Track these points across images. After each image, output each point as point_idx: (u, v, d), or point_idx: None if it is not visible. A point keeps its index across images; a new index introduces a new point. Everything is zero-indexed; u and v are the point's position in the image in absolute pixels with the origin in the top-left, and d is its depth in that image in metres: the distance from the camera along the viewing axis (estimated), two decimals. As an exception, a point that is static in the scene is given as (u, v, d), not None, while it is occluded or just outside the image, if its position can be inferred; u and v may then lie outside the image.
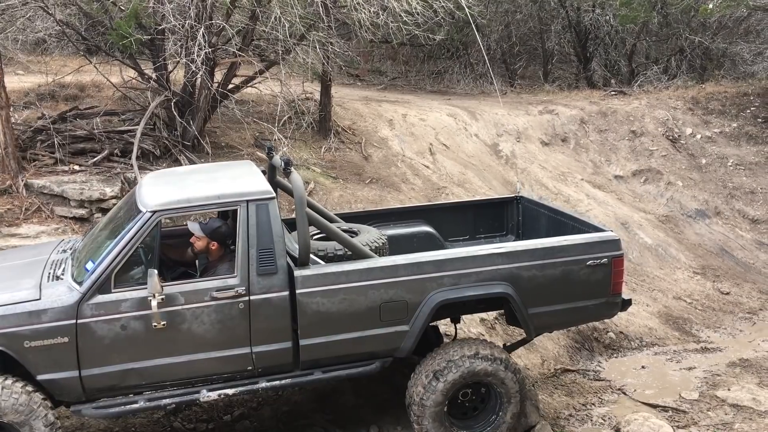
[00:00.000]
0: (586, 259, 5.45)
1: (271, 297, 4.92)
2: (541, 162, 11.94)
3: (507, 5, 17.41)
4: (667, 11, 16.87)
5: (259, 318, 4.91)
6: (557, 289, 5.43)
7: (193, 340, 4.84)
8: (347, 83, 15.98)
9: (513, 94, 16.03)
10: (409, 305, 5.13)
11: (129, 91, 9.89)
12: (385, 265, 5.13)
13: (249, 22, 9.09)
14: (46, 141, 8.67)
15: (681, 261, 10.58)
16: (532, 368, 7.45)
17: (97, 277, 4.71)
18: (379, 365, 5.25)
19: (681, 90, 14.82)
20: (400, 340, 5.18)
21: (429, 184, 10.19)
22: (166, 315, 4.75)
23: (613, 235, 5.68)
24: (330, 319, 5.01)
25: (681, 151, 12.99)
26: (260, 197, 4.97)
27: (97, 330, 4.70)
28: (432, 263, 5.19)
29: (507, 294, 5.28)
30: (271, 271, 4.91)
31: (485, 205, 7.13)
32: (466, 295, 5.23)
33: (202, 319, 4.83)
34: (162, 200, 4.93)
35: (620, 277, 5.64)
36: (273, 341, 4.97)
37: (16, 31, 9.59)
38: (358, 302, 5.04)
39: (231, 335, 4.90)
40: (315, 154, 10.19)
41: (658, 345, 8.47)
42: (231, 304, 4.86)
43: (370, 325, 5.09)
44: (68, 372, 4.71)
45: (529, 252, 5.38)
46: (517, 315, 5.41)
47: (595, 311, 5.73)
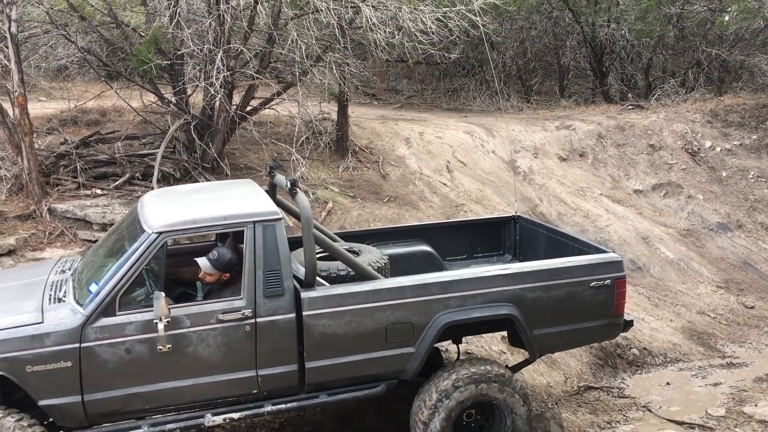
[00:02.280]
0: (590, 281, 5.46)
1: (277, 319, 4.86)
2: (559, 177, 11.91)
3: (522, 22, 17.46)
4: (683, 24, 16.84)
5: (266, 340, 4.86)
6: (561, 310, 5.43)
7: (198, 363, 4.78)
8: (364, 103, 16.07)
9: (529, 110, 16.03)
10: (416, 327, 5.10)
11: (149, 115, 10.03)
12: (391, 287, 5.10)
13: (266, 45, 9.20)
14: (68, 166, 8.79)
15: (704, 275, 10.47)
16: (555, 386, 7.39)
17: (101, 300, 4.62)
18: (384, 387, 5.19)
19: (699, 103, 14.74)
20: (405, 362, 5.15)
21: (447, 202, 10.20)
22: (171, 338, 4.68)
23: (615, 256, 5.71)
24: (336, 341, 4.96)
25: (701, 164, 12.89)
26: (267, 218, 4.91)
27: (101, 354, 4.61)
28: (438, 285, 5.17)
29: (512, 315, 5.27)
30: (278, 293, 4.85)
31: (483, 225, 7.13)
32: (473, 316, 5.21)
33: (208, 341, 4.77)
34: (168, 221, 4.84)
35: (623, 298, 5.65)
36: (279, 364, 4.92)
37: (38, 58, 9.79)
38: (364, 324, 5.00)
39: (237, 358, 4.84)
40: (333, 173, 10.23)
41: (683, 361, 8.37)
42: (237, 326, 4.80)
43: (376, 347, 5.06)
44: (71, 397, 4.61)
45: (534, 273, 5.38)
46: (521, 336, 5.39)
47: (598, 332, 5.73)
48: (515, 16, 16.41)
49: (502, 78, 17.75)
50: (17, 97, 7.86)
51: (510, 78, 18.31)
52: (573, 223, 10.87)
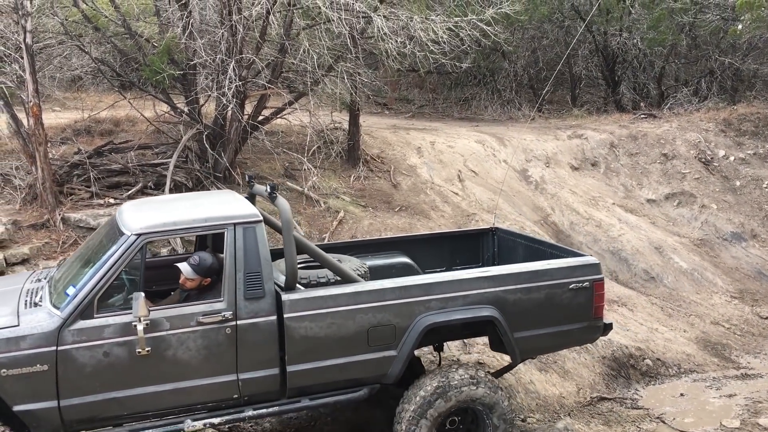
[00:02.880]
0: (569, 283, 5.50)
1: (258, 321, 4.81)
2: (571, 187, 11.86)
3: (533, 31, 17.46)
4: (696, 33, 16.79)
5: (246, 343, 4.81)
6: (541, 312, 5.45)
7: (177, 367, 4.70)
8: (375, 112, 16.11)
9: (541, 120, 16.01)
10: (397, 329, 5.08)
11: (162, 124, 10.09)
12: (372, 289, 5.09)
13: (278, 55, 9.24)
14: (82, 175, 8.85)
15: (718, 285, 10.39)
16: (568, 396, 7.34)
17: (79, 302, 4.53)
18: (366, 392, 5.16)
19: (712, 112, 14.66)
20: (388, 366, 5.11)
21: (458, 211, 10.18)
22: (150, 341, 4.59)
23: (593, 259, 5.78)
24: (318, 345, 4.93)
25: (714, 174, 12.81)
26: (247, 220, 4.89)
27: (78, 357, 4.51)
28: (419, 287, 5.17)
29: (494, 317, 5.27)
30: (259, 295, 4.81)
31: (462, 237, 7.14)
32: (454, 318, 5.20)
33: (188, 344, 4.69)
34: (147, 223, 4.81)
35: (601, 301, 5.67)
36: (260, 368, 4.87)
37: (53, 69, 9.88)
38: (346, 327, 4.97)
39: (217, 361, 4.78)
40: (344, 183, 10.25)
41: (697, 371, 8.29)
42: (217, 329, 4.74)
43: (358, 350, 5.03)
44: (46, 402, 4.49)
45: (514, 276, 5.42)
46: (503, 339, 5.38)
47: (578, 335, 5.74)
48: (527, 26, 16.42)
49: (514, 87, 17.75)
50: (32, 107, 7.93)
51: (521, 87, 18.30)
52: (585, 232, 10.82)
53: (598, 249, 10.60)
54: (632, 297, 9.55)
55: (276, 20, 8.78)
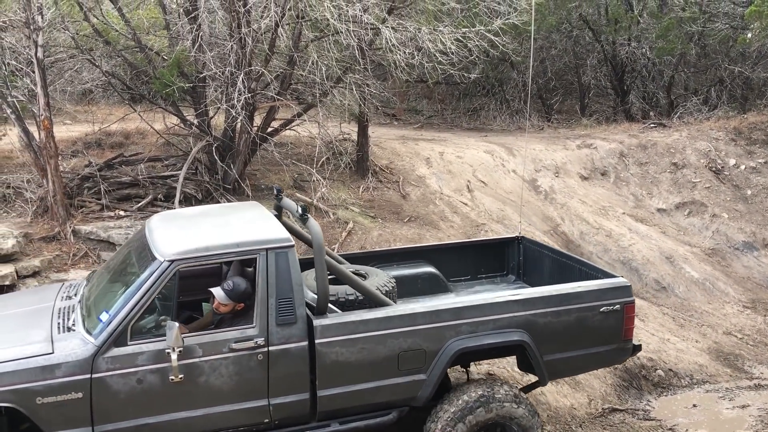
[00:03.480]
0: (600, 306, 5.45)
1: (290, 347, 4.82)
2: (581, 197, 11.83)
3: (542, 41, 17.47)
4: (705, 42, 16.75)
5: (278, 369, 4.82)
6: (571, 335, 5.41)
7: (210, 393, 4.73)
8: (384, 123, 16.14)
9: (550, 129, 15.99)
10: (427, 354, 5.08)
11: (172, 137, 10.15)
12: (403, 314, 5.08)
13: (287, 67, 9.28)
14: (92, 188, 8.91)
15: (730, 295, 10.31)
16: (579, 408, 7.28)
17: (113, 330, 4.55)
18: (395, 415, 5.16)
19: (722, 120, 14.60)
20: (417, 389, 5.11)
21: (468, 221, 10.16)
22: (183, 368, 4.62)
23: (624, 281, 5.70)
24: (348, 369, 4.94)
25: (725, 183, 12.74)
26: (279, 245, 4.87)
27: (113, 384, 4.55)
28: (450, 311, 5.15)
29: (524, 341, 5.25)
30: (291, 321, 4.81)
31: (487, 246, 7.12)
32: (484, 343, 5.18)
33: (220, 371, 4.72)
34: (180, 248, 4.78)
35: (631, 323, 5.61)
36: (291, 392, 4.88)
37: (64, 82, 9.97)
38: (376, 351, 4.98)
39: (249, 387, 4.79)
40: (353, 193, 10.25)
41: (710, 382, 8.22)
42: (250, 355, 4.76)
43: (388, 374, 5.03)
44: (81, 428, 4.54)
45: (545, 299, 5.37)
46: (532, 362, 5.36)
47: (607, 357, 5.70)
48: (535, 36, 16.41)
49: (522, 97, 17.75)
50: (43, 120, 8.00)
51: (530, 97, 18.28)
52: (595, 242, 10.78)
53: (609, 259, 10.55)
54: (643, 307, 9.48)
55: (285, 32, 8.83)
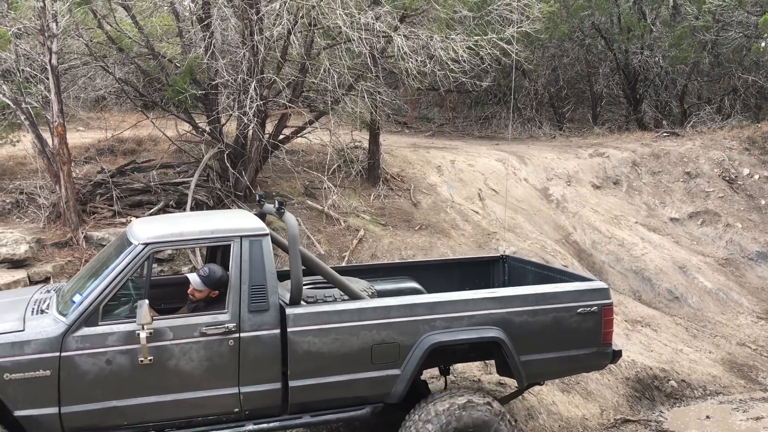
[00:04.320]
0: (577, 307, 5.44)
1: (261, 335, 4.82)
2: (592, 205, 11.77)
3: (554, 50, 17.45)
4: (718, 51, 16.67)
5: (249, 356, 4.80)
6: (548, 336, 5.39)
7: (179, 377, 4.70)
8: (395, 131, 16.15)
9: (562, 138, 15.94)
10: (401, 348, 5.05)
11: (184, 144, 10.19)
12: (377, 306, 5.08)
13: (299, 75, 9.31)
14: (105, 194, 8.95)
15: (743, 305, 10.21)
16: (591, 418, 7.22)
17: (84, 309, 4.57)
18: (369, 411, 5.10)
19: (736, 130, 14.51)
20: (391, 385, 5.06)
21: (479, 230, 10.13)
22: (153, 350, 4.60)
23: (602, 284, 5.71)
24: (321, 360, 4.91)
25: (739, 192, 12.65)
26: (254, 233, 4.93)
27: (81, 364, 4.53)
28: (425, 305, 5.15)
29: (499, 339, 5.20)
30: (263, 308, 4.82)
31: (471, 263, 7.08)
32: (459, 338, 5.15)
33: (191, 355, 4.70)
34: (155, 233, 4.88)
35: (610, 327, 5.58)
36: (262, 381, 4.85)
37: (77, 89, 10.04)
38: (349, 343, 4.95)
39: (219, 374, 4.77)
40: (364, 201, 10.25)
41: (723, 394, 8.13)
42: (220, 340, 4.75)
43: (361, 367, 4.99)
44: (48, 408, 4.50)
45: (521, 297, 5.38)
46: (509, 362, 5.30)
47: (586, 361, 5.65)
48: (547, 44, 16.42)
49: (534, 105, 17.72)
50: (56, 127, 8.05)
51: (542, 106, 18.26)
52: (608, 251, 10.71)
53: (621, 268, 10.48)
54: (656, 317, 9.41)
55: (297, 40, 8.86)
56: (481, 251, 9.50)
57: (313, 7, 8.31)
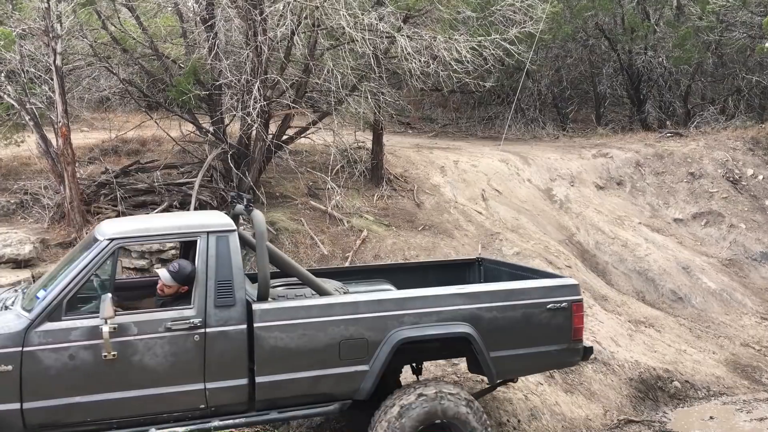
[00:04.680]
0: (546, 303, 5.44)
1: (227, 330, 4.78)
2: (596, 206, 11.76)
3: (557, 50, 17.44)
4: (722, 51, 16.64)
5: (215, 351, 4.76)
6: (518, 332, 5.38)
7: (144, 373, 4.64)
8: (398, 131, 16.15)
9: (565, 138, 15.93)
10: (370, 343, 5.02)
11: (187, 144, 10.21)
12: (345, 302, 5.08)
13: (302, 75, 9.32)
14: (109, 195, 8.97)
15: (747, 306, 10.19)
16: (594, 419, 7.22)
17: (47, 304, 4.53)
18: (338, 407, 5.07)
19: (740, 130, 14.48)
20: (360, 380, 5.03)
21: (482, 230, 10.13)
22: (117, 345, 4.55)
23: (572, 280, 5.73)
24: (288, 356, 4.87)
25: (743, 193, 12.62)
26: (221, 229, 4.93)
27: (44, 359, 4.47)
28: (393, 301, 5.16)
29: (468, 334, 5.19)
30: (229, 304, 4.79)
31: (447, 266, 7.09)
32: (428, 333, 5.12)
33: (155, 351, 4.65)
34: (120, 229, 4.89)
35: (581, 323, 5.58)
36: (228, 377, 4.80)
37: (82, 90, 10.07)
38: (317, 338, 4.92)
39: (184, 369, 4.72)
40: (367, 202, 10.26)
41: (727, 394, 8.12)
42: (186, 336, 4.71)
43: (329, 363, 4.96)
44: (9, 404, 4.43)
45: (490, 294, 5.39)
46: (478, 358, 5.28)
47: (557, 357, 5.64)
48: (550, 45, 16.41)
49: (538, 106, 17.71)
50: (61, 127, 8.07)
51: (545, 106, 18.25)
52: (611, 252, 10.70)
53: (625, 269, 10.47)
54: (659, 318, 9.40)
55: (300, 41, 8.87)
56: (483, 251, 9.50)
57: (317, 8, 8.32)
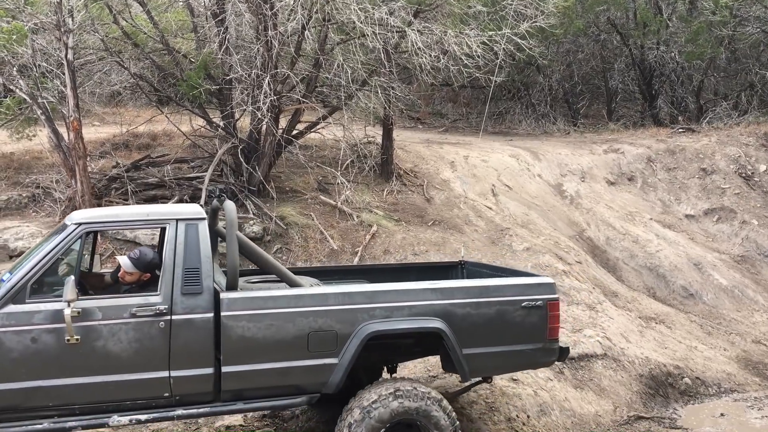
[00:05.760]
0: (521, 301, 5.35)
1: (194, 318, 4.73)
2: (607, 202, 11.71)
3: (568, 45, 17.36)
4: (735, 46, 16.52)
5: (180, 339, 4.70)
6: (492, 329, 5.29)
7: (108, 359, 4.59)
8: (408, 126, 16.13)
9: (576, 134, 15.86)
10: (339, 336, 4.94)
11: (198, 139, 10.23)
12: (315, 293, 5.02)
13: (313, 70, 9.32)
14: (120, 189, 9.01)
15: (759, 303, 10.13)
16: (604, 415, 7.19)
17: (11, 286, 4.52)
18: (306, 399, 5.01)
19: (753, 126, 14.37)
20: (328, 374, 4.94)
21: (492, 226, 10.11)
22: (81, 330, 4.51)
23: (548, 279, 5.61)
24: (255, 346, 4.80)
25: (755, 189, 12.53)
26: (190, 216, 4.90)
27: (5, 341, 4.44)
28: (364, 294, 5.08)
29: (440, 330, 5.11)
30: (197, 291, 4.75)
31: (430, 268, 6.98)
32: (399, 327, 5.04)
33: (120, 336, 4.60)
34: (89, 215, 4.92)
35: (556, 322, 5.48)
36: (193, 366, 4.73)
37: (93, 84, 10.11)
38: (285, 329, 4.85)
39: (149, 357, 4.65)
40: (377, 197, 10.25)
41: (738, 391, 8.07)
42: (151, 322, 4.66)
43: (297, 355, 4.88)
44: None
45: (464, 290, 5.30)
46: (450, 354, 5.20)
47: (532, 356, 5.52)
48: (562, 39, 16.33)
49: (548, 101, 17.64)
50: (72, 121, 8.11)
51: (556, 101, 18.17)
52: (622, 248, 10.66)
53: (635, 265, 10.42)
54: (670, 314, 9.35)
55: (311, 35, 8.87)
56: (493, 246, 9.49)
57: (327, 2, 8.31)
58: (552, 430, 6.64)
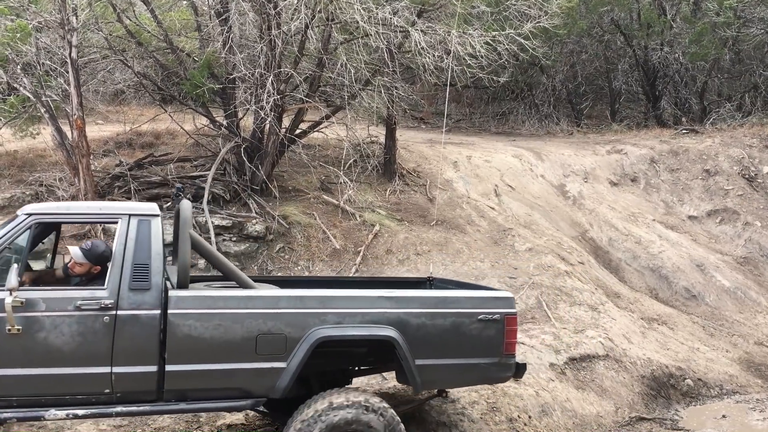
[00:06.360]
0: (478, 313, 5.27)
1: (140, 314, 4.66)
2: (609, 202, 11.70)
3: (572, 46, 17.35)
4: (739, 48, 16.49)
5: (125, 335, 4.62)
6: (447, 341, 5.21)
7: (49, 352, 4.51)
8: (412, 126, 16.13)
9: (579, 134, 15.85)
10: (288, 340, 4.86)
11: (201, 137, 10.25)
12: (266, 295, 4.95)
13: (316, 69, 9.32)
14: (123, 187, 9.02)
15: (762, 304, 10.11)
16: (606, 416, 7.19)
17: None
18: (252, 403, 4.92)
19: (756, 127, 14.35)
20: (276, 378, 4.85)
21: (494, 226, 10.11)
22: (23, 320, 4.45)
23: (507, 293, 5.56)
24: (202, 346, 4.73)
25: (758, 190, 12.51)
26: (143, 212, 4.87)
27: None
28: (316, 299, 4.99)
29: (393, 338, 5.03)
30: (145, 288, 4.69)
31: (399, 283, 6.92)
32: (350, 334, 4.95)
33: (62, 329, 4.54)
34: (41, 207, 4.89)
35: (513, 337, 5.39)
36: (136, 363, 4.65)
37: (97, 83, 10.13)
38: (233, 330, 4.77)
39: (91, 351, 4.57)
40: (380, 196, 10.25)
41: (740, 393, 8.06)
42: (95, 316, 4.59)
43: (244, 357, 4.79)
44: None
45: (419, 299, 5.22)
46: (402, 364, 5.08)
47: (487, 371, 5.42)
48: (565, 40, 16.32)
49: (552, 102, 17.63)
50: (76, 120, 8.12)
51: (560, 102, 18.16)
52: (624, 249, 10.65)
53: (638, 266, 10.42)
54: (673, 315, 9.34)
55: (314, 35, 8.88)
56: (495, 247, 9.49)
57: (331, 2, 8.32)
58: (553, 430, 6.64)
